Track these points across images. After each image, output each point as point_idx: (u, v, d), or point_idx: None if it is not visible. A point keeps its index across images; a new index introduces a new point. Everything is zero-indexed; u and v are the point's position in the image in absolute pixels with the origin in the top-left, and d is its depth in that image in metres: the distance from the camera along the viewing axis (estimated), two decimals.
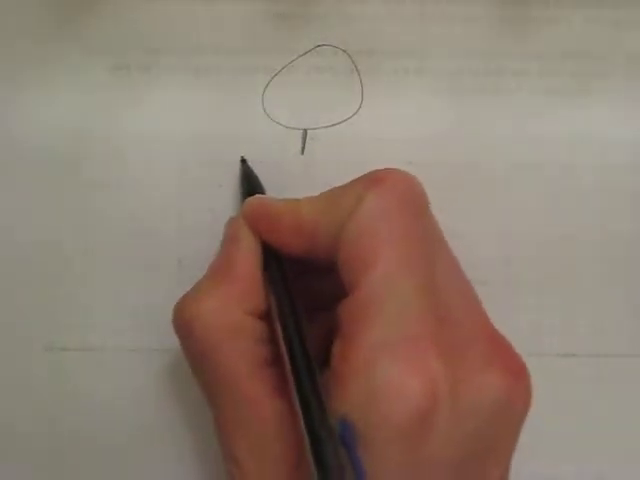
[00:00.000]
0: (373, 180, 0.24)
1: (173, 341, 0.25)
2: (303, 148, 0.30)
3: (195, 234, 0.30)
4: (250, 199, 0.27)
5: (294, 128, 0.30)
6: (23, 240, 0.30)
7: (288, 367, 0.23)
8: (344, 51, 0.30)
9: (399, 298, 0.22)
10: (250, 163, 0.30)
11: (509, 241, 0.30)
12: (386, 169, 0.25)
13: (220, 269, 0.26)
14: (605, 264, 0.30)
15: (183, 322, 0.25)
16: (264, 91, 0.30)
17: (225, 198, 0.30)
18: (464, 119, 0.30)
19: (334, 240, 0.24)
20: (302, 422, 0.21)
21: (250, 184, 0.29)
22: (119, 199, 0.30)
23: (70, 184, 0.30)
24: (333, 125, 0.30)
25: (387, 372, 0.21)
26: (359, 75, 0.30)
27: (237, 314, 0.24)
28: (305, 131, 0.30)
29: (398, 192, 0.24)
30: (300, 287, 0.25)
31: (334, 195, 0.25)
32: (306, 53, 0.30)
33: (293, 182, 0.30)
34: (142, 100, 0.30)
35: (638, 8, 0.30)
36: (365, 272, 0.22)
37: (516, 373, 0.23)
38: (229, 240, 0.27)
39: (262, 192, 0.28)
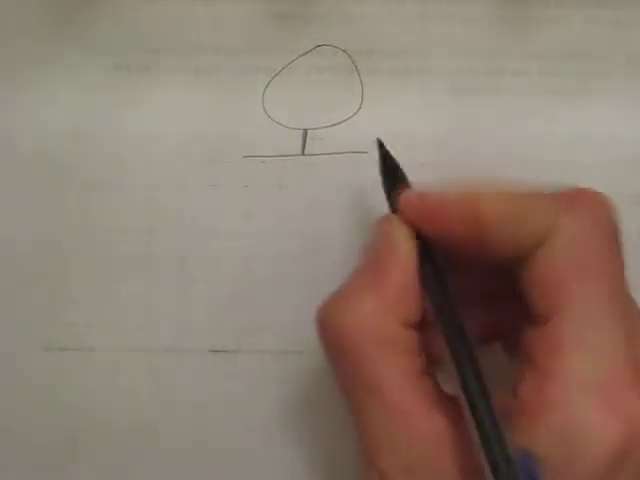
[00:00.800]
0: (570, 200, 0.23)
1: (173, 341, 0.25)
2: (303, 148, 0.30)
3: (195, 234, 0.30)
4: (407, 196, 0.25)
5: (294, 128, 0.30)
6: (23, 240, 0.30)
7: (461, 393, 0.22)
8: (344, 51, 0.30)
9: (601, 335, 0.22)
10: (250, 163, 0.30)
11: None
12: (583, 189, 0.24)
13: (374, 273, 0.24)
14: None
15: (330, 326, 0.23)
16: (264, 91, 0.30)
17: (225, 198, 0.30)
18: (464, 119, 0.30)
19: (512, 243, 0.23)
20: (481, 450, 0.21)
21: (392, 175, 0.26)
22: (119, 199, 0.30)
23: (70, 184, 0.30)
24: (333, 125, 0.30)
25: (587, 410, 0.21)
26: (359, 75, 0.30)
27: (391, 324, 0.23)
28: (305, 131, 0.30)
29: (595, 217, 0.23)
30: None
31: (525, 201, 0.23)
32: (306, 53, 0.30)
33: (293, 182, 0.30)
34: (142, 100, 0.30)
35: (638, 8, 0.30)
36: (563, 303, 0.22)
37: None
38: (384, 242, 0.24)
39: (406, 180, 0.26)
